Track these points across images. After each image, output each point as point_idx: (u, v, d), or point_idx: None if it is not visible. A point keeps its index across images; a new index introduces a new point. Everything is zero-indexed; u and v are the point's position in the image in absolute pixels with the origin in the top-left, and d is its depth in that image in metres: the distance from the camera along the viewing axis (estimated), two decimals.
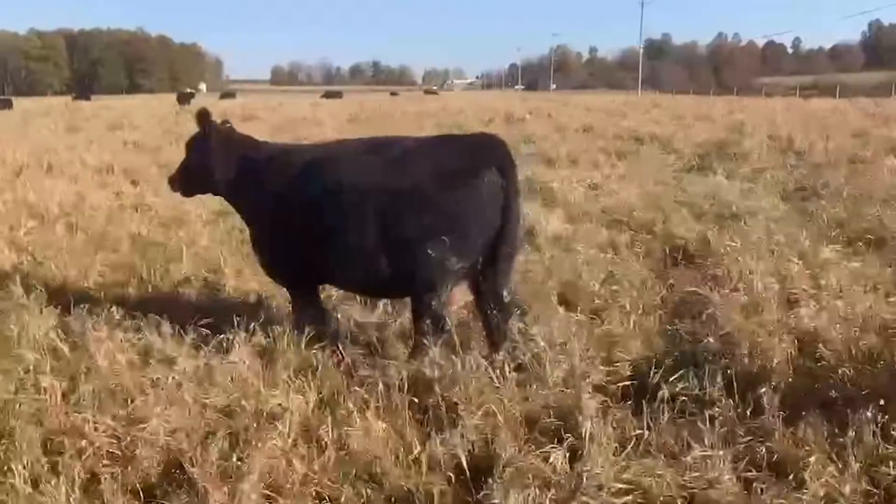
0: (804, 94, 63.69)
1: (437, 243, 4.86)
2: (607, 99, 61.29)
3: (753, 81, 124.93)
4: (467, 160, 5.02)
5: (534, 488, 3.69)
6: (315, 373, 5.14)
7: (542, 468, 3.91)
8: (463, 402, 4.49)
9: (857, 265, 7.04)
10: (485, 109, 41.24)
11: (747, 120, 27.83)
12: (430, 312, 5.06)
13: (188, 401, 4.64)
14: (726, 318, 5.72)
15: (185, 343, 5.41)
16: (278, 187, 5.39)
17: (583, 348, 5.25)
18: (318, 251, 5.26)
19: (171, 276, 7.61)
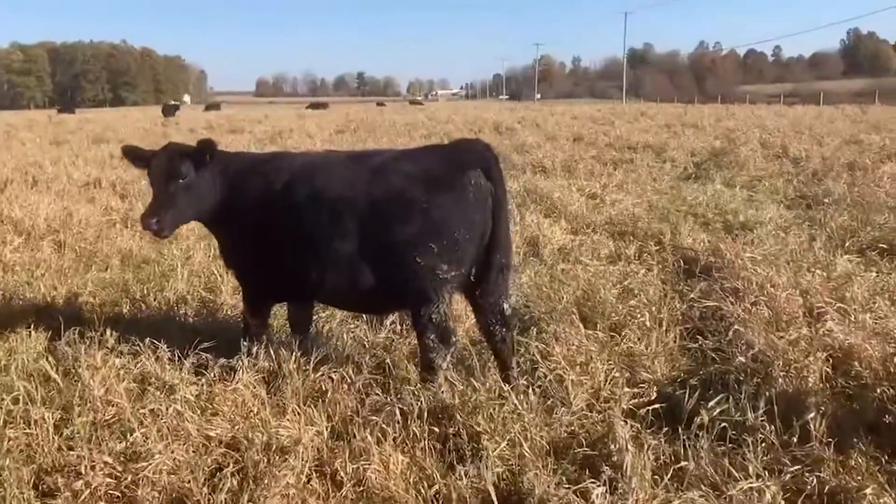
0: (787, 101, 63.91)
1: (426, 251, 4.62)
2: (593, 108, 61.31)
3: (735, 89, 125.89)
4: (450, 163, 4.80)
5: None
6: (325, 399, 4.86)
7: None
8: (488, 430, 4.21)
9: (874, 275, 6.84)
10: (473, 119, 41.08)
11: (737, 127, 27.81)
12: (433, 326, 4.78)
13: (191, 433, 4.34)
14: (752, 335, 5.49)
15: (184, 368, 5.11)
16: (259, 198, 5.12)
17: (606, 369, 5.00)
18: (303, 264, 5.00)
19: (166, 296, 7.27)
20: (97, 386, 4.74)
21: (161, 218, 5.03)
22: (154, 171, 5.13)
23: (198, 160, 5.14)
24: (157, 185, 5.09)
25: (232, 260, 5.48)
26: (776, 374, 4.79)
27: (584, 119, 40.17)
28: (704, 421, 4.13)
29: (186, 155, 5.16)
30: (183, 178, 5.12)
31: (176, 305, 7.02)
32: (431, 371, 4.86)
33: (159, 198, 5.08)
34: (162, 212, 5.05)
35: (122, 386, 4.80)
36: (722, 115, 37.86)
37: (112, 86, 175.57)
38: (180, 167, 5.11)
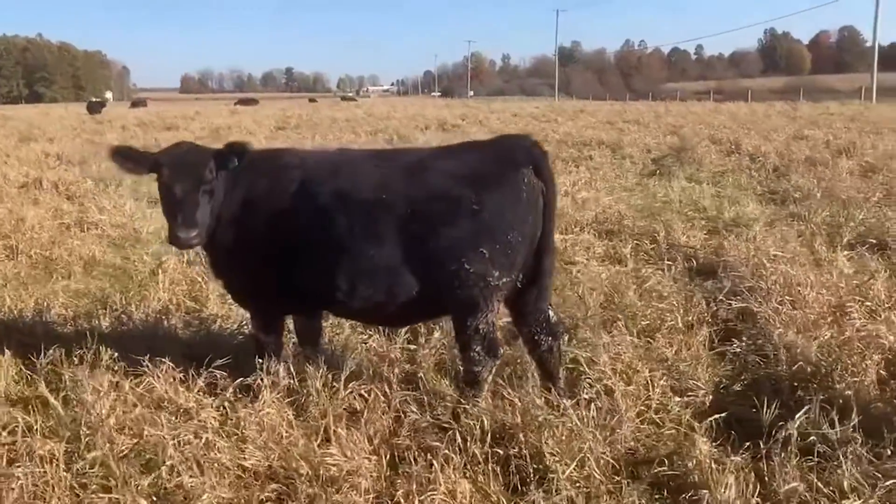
0: (715, 98, 65.54)
1: (476, 256, 4.27)
2: (529, 105, 61.75)
3: (661, 87, 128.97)
4: (500, 161, 4.43)
5: None
6: (359, 420, 4.45)
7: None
8: (556, 451, 3.88)
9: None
10: (414, 116, 40.71)
11: (680, 123, 28.22)
12: (479, 337, 4.43)
13: (225, 464, 3.89)
14: (789, 336, 5.34)
15: (196, 389, 4.64)
16: (274, 201, 4.65)
17: (649, 376, 4.75)
18: (328, 274, 4.56)
19: (150, 306, 6.70)
20: (107, 413, 4.23)
21: (200, 230, 4.49)
22: (177, 174, 4.53)
23: (222, 162, 4.65)
24: (183, 191, 4.48)
25: (234, 272, 4.90)
26: (836, 379, 4.60)
27: (525, 116, 40.26)
28: (792, 434, 3.88)
29: (211, 156, 4.66)
30: (210, 183, 4.61)
31: (163, 317, 6.45)
32: (476, 386, 4.52)
33: (188, 206, 4.47)
34: (197, 222, 4.49)
35: (136, 412, 4.30)
36: (660, 112, 38.43)
37: (27, 81, 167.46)
38: (207, 169, 4.58)
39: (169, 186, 4.54)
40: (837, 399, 4.43)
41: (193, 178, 4.54)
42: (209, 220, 4.65)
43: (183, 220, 4.44)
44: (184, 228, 4.42)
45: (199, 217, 4.50)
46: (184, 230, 4.41)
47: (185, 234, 4.41)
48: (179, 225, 4.43)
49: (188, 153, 4.68)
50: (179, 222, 4.43)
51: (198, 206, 4.51)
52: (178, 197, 4.50)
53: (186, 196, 4.51)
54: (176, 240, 4.46)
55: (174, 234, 4.44)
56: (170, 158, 4.62)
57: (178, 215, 4.45)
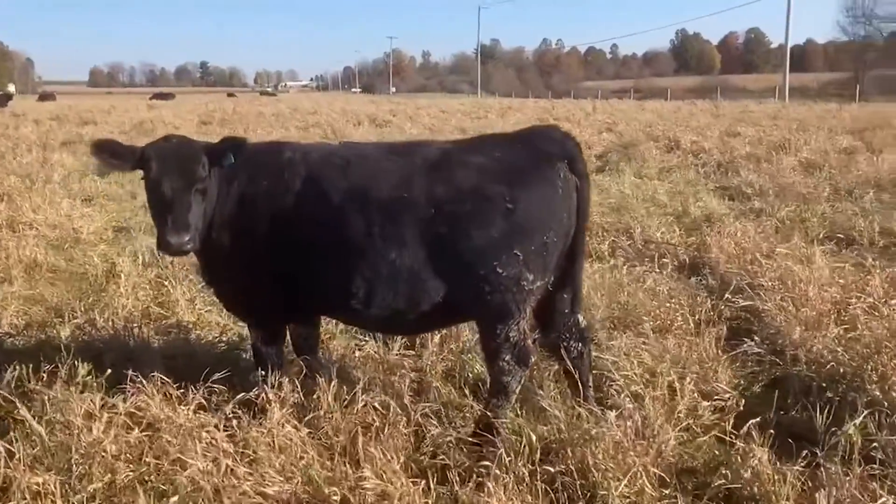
0: (636, 96, 67.00)
1: (510, 259, 3.97)
2: (454, 102, 61.62)
3: (580, 85, 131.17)
4: (535, 154, 4.12)
5: None
6: (377, 437, 4.07)
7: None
8: (609, 466, 3.62)
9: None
10: (343, 111, 40.03)
11: (613, 121, 28.56)
12: (509, 346, 4.12)
13: (247, 491, 3.48)
14: (793, 333, 5.26)
15: (193, 405, 4.17)
16: (278, 200, 4.24)
17: (681, 381, 4.55)
18: (342, 280, 4.19)
19: (112, 313, 6.12)
20: (102, 437, 3.73)
21: (193, 234, 4.02)
22: (167, 170, 4.05)
23: (215, 159, 4.19)
24: (174, 190, 4.02)
25: (231, 279, 4.45)
26: (866, 379, 4.50)
27: (454, 112, 40.08)
28: (854, 440, 3.73)
29: (203, 151, 4.19)
30: (203, 181, 4.15)
31: (131, 326, 5.88)
32: (504, 396, 4.21)
33: (180, 207, 4.01)
34: (190, 225, 4.02)
35: (134, 435, 3.82)
36: (588, 110, 38.90)
37: None
38: (200, 167, 4.11)
39: (158, 184, 4.06)
40: (876, 400, 4.35)
41: (185, 176, 4.08)
42: (202, 222, 4.21)
43: (174, 223, 3.97)
44: (175, 232, 3.95)
45: (192, 219, 4.05)
46: (175, 234, 3.95)
47: (177, 239, 3.95)
48: (170, 228, 3.96)
49: (179, 147, 4.21)
50: (170, 225, 3.97)
51: (190, 206, 4.05)
52: (169, 196, 4.03)
53: (178, 195, 4.04)
54: (166, 245, 3.98)
55: (164, 239, 3.96)
56: (159, 153, 4.13)
57: (169, 217, 3.98)
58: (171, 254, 4.25)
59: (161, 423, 4.03)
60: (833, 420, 4.25)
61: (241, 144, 4.22)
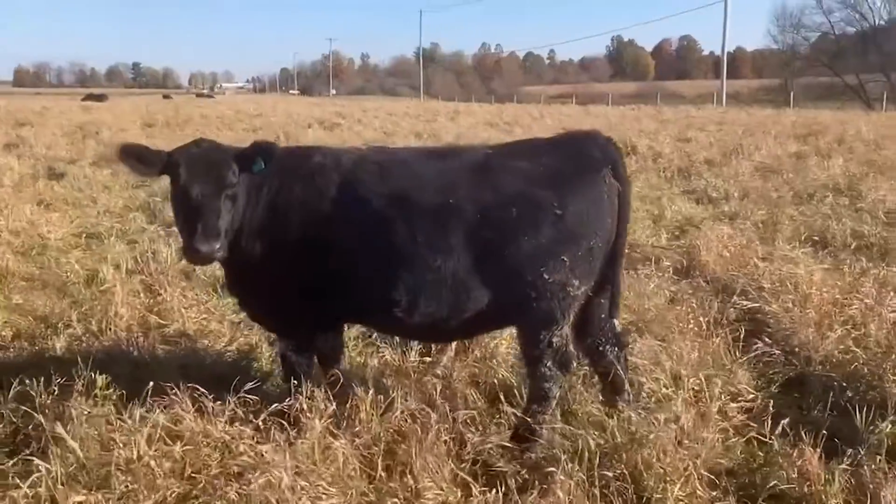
0: (578, 101, 67.78)
1: (557, 265, 3.96)
2: (399, 104, 61.53)
3: (520, 89, 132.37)
4: (581, 160, 4.13)
5: None
6: (414, 447, 4.00)
7: None
8: (663, 469, 3.64)
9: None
10: (289, 113, 39.51)
11: (564, 124, 28.86)
12: (552, 352, 4.13)
13: None
14: (802, 334, 5.40)
15: (225, 418, 4.04)
16: (318, 206, 4.16)
17: (709, 383, 4.61)
18: (385, 287, 4.11)
19: (111, 322, 5.88)
20: (145, 454, 3.58)
21: (222, 241, 3.92)
22: (197, 175, 3.94)
23: (244, 164, 4.07)
24: (203, 196, 3.92)
25: (262, 288, 4.32)
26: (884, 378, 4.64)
27: (402, 115, 39.95)
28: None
29: (233, 157, 4.07)
30: (233, 187, 4.03)
31: (133, 336, 5.66)
32: (545, 402, 4.21)
33: (209, 213, 3.90)
34: (219, 232, 3.91)
35: (178, 449, 3.67)
36: (535, 114, 39.24)
37: None
38: (230, 172, 4.01)
39: (187, 190, 3.95)
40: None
41: (215, 181, 3.98)
42: (231, 230, 4.10)
43: (203, 230, 3.86)
44: (204, 239, 3.84)
45: (222, 226, 3.94)
46: (204, 241, 3.84)
47: (207, 247, 3.84)
48: (199, 235, 3.85)
49: (209, 152, 4.11)
50: (199, 232, 3.85)
51: (219, 213, 3.96)
52: (198, 203, 3.93)
53: (207, 201, 3.94)
54: (194, 253, 3.87)
55: (192, 247, 3.85)
56: (188, 158, 4.03)
57: (198, 224, 3.87)
58: (199, 262, 4.13)
59: (198, 436, 3.89)
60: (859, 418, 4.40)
61: (272, 150, 4.12)
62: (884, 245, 8.29)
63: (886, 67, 66.85)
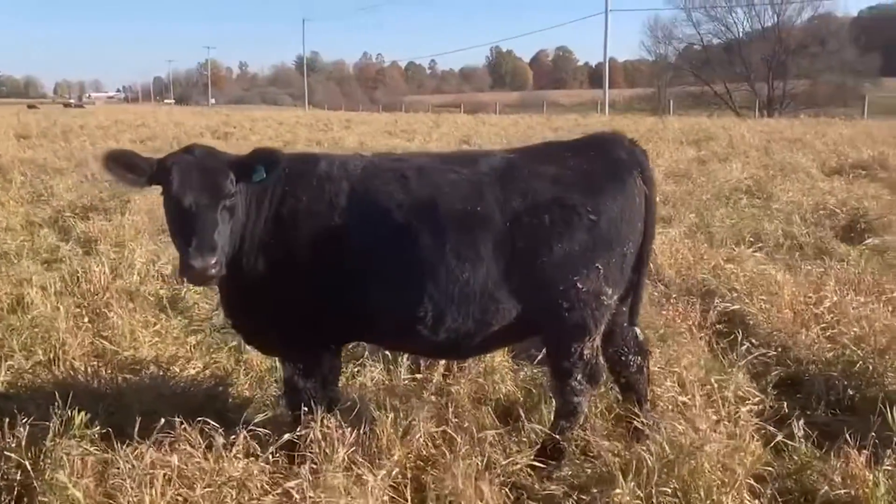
0: (466, 110, 68.50)
1: (591, 273, 3.82)
2: (286, 114, 60.35)
3: (404, 98, 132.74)
4: (611, 163, 3.99)
5: None
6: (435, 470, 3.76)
7: None
8: (715, 480, 3.53)
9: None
10: (174, 123, 37.89)
11: (465, 133, 29.02)
12: (583, 364, 3.97)
13: None
14: (784, 333, 5.51)
15: (233, 453, 3.65)
16: (330, 216, 3.85)
17: (721, 387, 4.59)
18: (400, 302, 3.85)
19: (59, 351, 5.28)
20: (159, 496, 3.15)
21: (220, 257, 3.53)
22: (191, 185, 3.57)
23: (243, 173, 3.70)
24: (198, 207, 3.55)
25: (267, 308, 3.93)
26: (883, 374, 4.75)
27: (293, 124, 39.12)
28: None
29: (231, 164, 3.71)
30: (231, 198, 3.65)
31: (87, 366, 5.09)
32: (573, 418, 4.04)
33: (205, 226, 3.53)
34: (217, 246, 3.53)
35: (199, 492, 3.26)
36: (429, 123, 39.31)
37: None
38: (227, 181, 3.64)
39: (179, 200, 3.57)
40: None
41: (211, 191, 3.61)
42: (230, 244, 3.72)
43: (199, 244, 3.48)
44: (199, 254, 3.47)
45: (219, 240, 3.57)
46: (199, 257, 3.46)
47: (201, 262, 3.46)
48: (194, 250, 3.47)
49: (204, 159, 3.74)
50: (194, 247, 3.47)
51: (216, 225, 3.59)
52: (192, 214, 3.55)
53: (202, 213, 3.56)
54: (189, 270, 3.49)
55: (187, 263, 3.47)
56: (181, 165, 3.65)
57: (193, 238, 3.49)
58: (195, 280, 3.72)
59: (214, 475, 3.49)
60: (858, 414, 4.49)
61: (275, 158, 3.78)
62: (816, 244, 8.62)
63: (751, 77, 71.22)
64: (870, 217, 9.37)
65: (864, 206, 9.84)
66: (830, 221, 9.68)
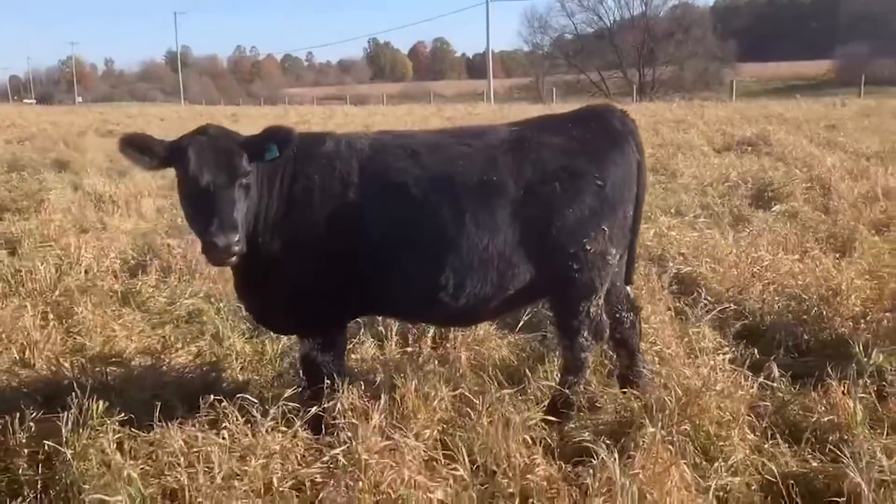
0: (352, 102, 68.01)
1: (598, 235, 4.10)
2: (165, 110, 57.80)
3: (283, 91, 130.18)
4: (610, 132, 4.27)
5: None
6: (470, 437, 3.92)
7: None
8: (726, 417, 3.89)
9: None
10: (53, 123, 35.74)
11: (364, 123, 28.95)
12: (589, 321, 4.26)
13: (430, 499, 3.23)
14: (736, 289, 5.99)
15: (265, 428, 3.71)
16: (348, 192, 3.96)
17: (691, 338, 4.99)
18: (422, 272, 4.01)
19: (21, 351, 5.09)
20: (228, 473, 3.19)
21: (241, 234, 3.59)
22: (208, 164, 3.60)
23: (256, 152, 3.74)
24: (216, 187, 3.59)
25: (286, 285, 4.00)
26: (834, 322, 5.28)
27: (175, 119, 37.69)
28: None
29: (244, 144, 3.75)
30: (247, 176, 3.69)
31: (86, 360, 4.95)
32: (581, 373, 4.32)
33: (224, 203, 3.56)
34: (238, 223, 3.58)
35: (254, 465, 3.31)
36: (322, 115, 38.76)
37: None
38: (243, 160, 3.69)
39: (196, 180, 3.59)
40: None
41: (228, 169, 3.65)
42: (247, 223, 3.77)
43: (220, 223, 3.53)
44: (222, 232, 3.52)
45: (239, 217, 3.63)
46: (222, 234, 3.52)
47: (225, 239, 3.52)
48: (216, 228, 3.51)
49: (218, 139, 3.76)
50: (216, 226, 3.51)
51: (235, 203, 3.63)
52: (211, 193, 3.58)
53: (221, 192, 3.61)
54: (212, 249, 3.53)
55: (210, 242, 3.51)
56: (196, 145, 3.67)
57: (213, 217, 3.53)
58: (218, 259, 3.70)
59: (251, 450, 3.54)
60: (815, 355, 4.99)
61: (288, 135, 3.84)
62: (732, 212, 9.31)
63: (622, 64, 74.41)
64: (775, 186, 10.17)
65: (770, 177, 10.65)
66: (741, 191, 10.41)
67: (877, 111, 23.71)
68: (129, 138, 3.71)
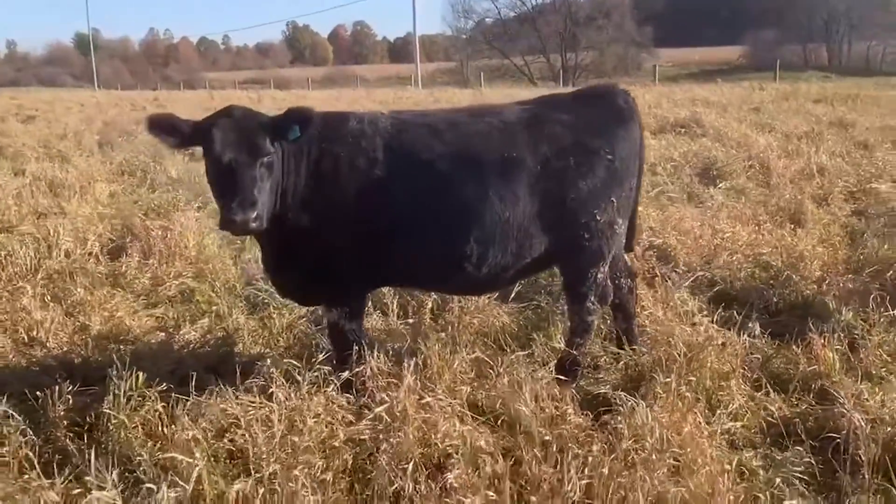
0: (264, 86, 66.92)
1: (607, 206, 4.44)
2: (82, 95, 55.65)
3: (201, 75, 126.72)
4: (616, 109, 4.62)
5: None
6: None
7: None
8: (725, 369, 4.30)
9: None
10: None
11: None
12: (597, 287, 4.62)
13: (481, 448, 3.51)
14: (703, 258, 6.47)
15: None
16: (373, 169, 4.19)
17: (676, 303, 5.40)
18: (447, 243, 4.28)
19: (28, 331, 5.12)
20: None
21: (260, 211, 3.79)
22: (231, 143, 3.80)
23: (279, 132, 3.94)
24: (239, 164, 3.79)
25: (314, 259, 4.23)
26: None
27: (94, 105, 36.57)
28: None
29: (268, 124, 3.95)
30: (269, 155, 3.89)
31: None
32: (587, 335, 4.68)
33: (245, 181, 3.77)
34: (257, 201, 3.78)
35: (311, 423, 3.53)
36: (250, 99, 38.10)
37: None
38: (265, 140, 3.89)
39: (219, 159, 3.80)
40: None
41: (249, 149, 3.87)
42: (271, 201, 3.97)
43: (241, 199, 3.75)
44: (240, 209, 3.74)
45: (259, 195, 3.84)
46: (240, 211, 3.75)
47: (242, 216, 3.75)
48: (235, 205, 3.73)
49: (242, 120, 3.96)
50: (236, 202, 3.73)
51: (255, 182, 3.86)
52: (233, 172, 3.80)
53: (242, 170, 3.82)
54: (230, 223, 3.77)
55: (228, 217, 3.76)
56: (221, 125, 3.88)
57: (235, 193, 3.74)
58: (235, 232, 4.05)
59: (299, 412, 3.75)
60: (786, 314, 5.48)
61: (309, 116, 4.04)
62: (683, 189, 9.85)
63: (545, 48, 75.60)
64: (718, 165, 10.79)
65: (713, 156, 11.26)
66: (687, 171, 10.98)
67: (793, 95, 24.97)
68: (156, 118, 3.92)
